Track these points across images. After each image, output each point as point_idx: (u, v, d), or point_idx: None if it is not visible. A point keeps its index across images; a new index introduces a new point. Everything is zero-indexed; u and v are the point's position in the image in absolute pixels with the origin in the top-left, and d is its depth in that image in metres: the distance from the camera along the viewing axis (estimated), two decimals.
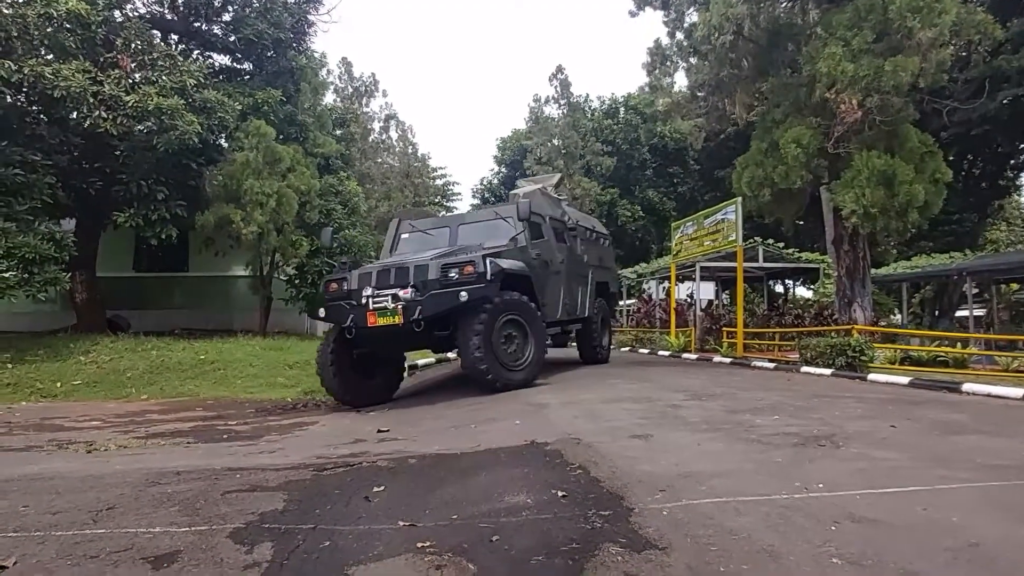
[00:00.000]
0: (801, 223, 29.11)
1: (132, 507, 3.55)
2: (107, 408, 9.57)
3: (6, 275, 11.12)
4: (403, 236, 10.84)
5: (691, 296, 22.23)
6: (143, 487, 4.02)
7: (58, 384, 11.02)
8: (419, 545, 2.96)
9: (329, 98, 25.85)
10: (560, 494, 3.72)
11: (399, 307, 8.05)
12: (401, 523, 3.29)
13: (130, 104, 11.92)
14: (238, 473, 4.51)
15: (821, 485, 3.76)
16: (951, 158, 16.72)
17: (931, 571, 2.52)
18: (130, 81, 12.33)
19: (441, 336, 8.45)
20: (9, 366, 11.48)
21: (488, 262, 8.08)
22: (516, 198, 11.77)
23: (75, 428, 7.77)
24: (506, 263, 8.59)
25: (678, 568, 2.61)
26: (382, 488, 4.03)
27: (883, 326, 16.86)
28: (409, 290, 8.07)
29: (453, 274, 8.00)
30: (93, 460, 5.50)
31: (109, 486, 4.04)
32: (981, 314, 21.05)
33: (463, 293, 7.82)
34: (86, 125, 12.33)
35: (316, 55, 19.17)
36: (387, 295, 8.13)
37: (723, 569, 2.59)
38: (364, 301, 8.25)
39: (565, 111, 34.16)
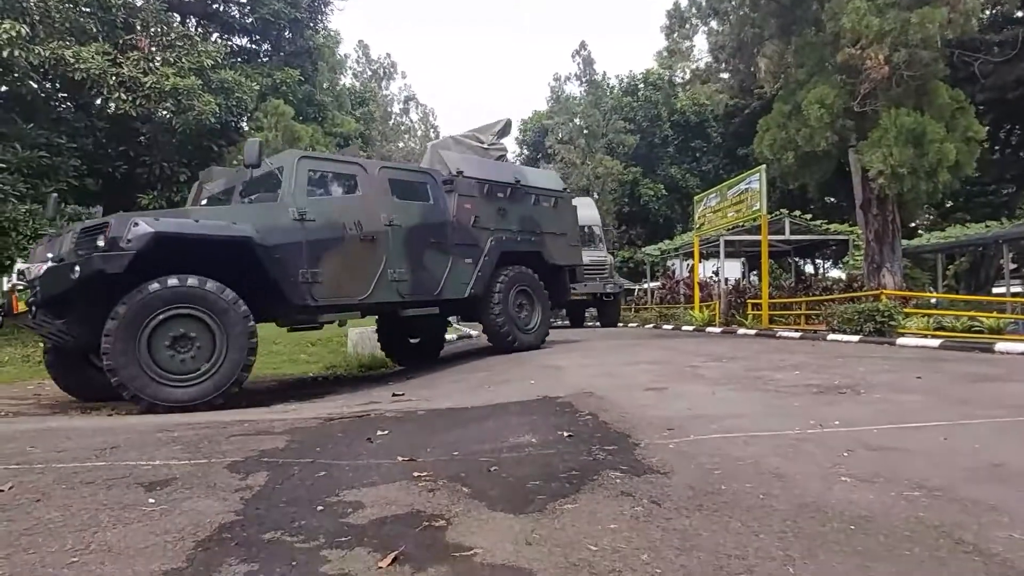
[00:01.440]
0: (832, 200, 28.48)
1: (136, 447, 3.56)
2: None
3: None
4: (202, 202, 8.55)
5: (716, 273, 21.87)
6: (150, 432, 4.04)
7: None
8: (415, 475, 2.91)
9: (347, 81, 25.95)
10: (566, 434, 3.64)
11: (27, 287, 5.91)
12: (400, 458, 3.24)
13: (148, 85, 12.03)
14: (247, 423, 4.51)
15: (837, 422, 3.62)
16: (987, 126, 16.04)
17: (947, 485, 2.39)
18: (149, 63, 12.45)
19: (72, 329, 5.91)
20: (40, 344, 11.75)
21: (131, 224, 5.59)
22: (432, 148, 9.85)
23: (101, 399, 7.91)
24: (184, 225, 6.09)
25: (678, 488, 2.52)
26: (386, 432, 3.99)
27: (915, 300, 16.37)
28: (45, 264, 5.84)
29: (100, 242, 5.56)
30: (112, 419, 5.57)
31: (118, 433, 4.07)
32: (1019, 290, 20.32)
33: (77, 268, 5.45)
34: (111, 110, 12.50)
35: (332, 32, 19.18)
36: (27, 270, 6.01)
37: (724, 487, 2.49)
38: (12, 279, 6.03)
39: (587, 89, 33.78)
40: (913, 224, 25.27)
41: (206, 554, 1.99)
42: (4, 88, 12.06)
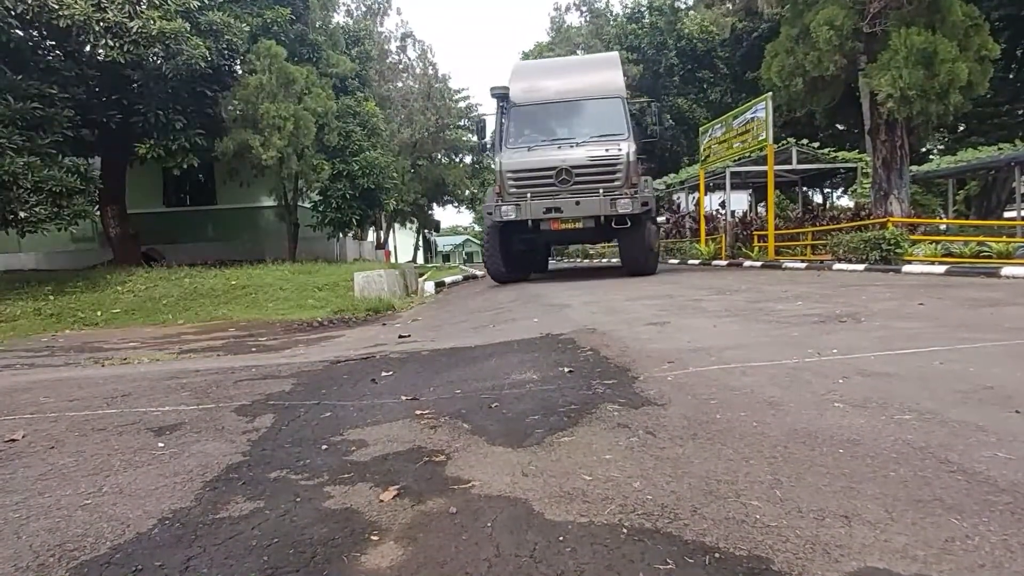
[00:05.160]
0: (841, 126, 27.77)
1: (146, 394, 3.64)
2: (145, 332, 9.87)
3: (36, 208, 11.34)
4: None
5: (722, 205, 21.64)
6: (161, 380, 4.12)
7: (98, 313, 11.38)
8: (418, 413, 2.97)
9: (340, 19, 25.23)
10: (567, 370, 3.69)
11: None
12: (404, 398, 3.31)
13: (135, 30, 11.70)
14: (254, 368, 4.59)
15: (835, 350, 3.65)
16: (1002, 44, 15.40)
17: (938, 408, 2.42)
18: (133, 7, 12.07)
19: None
20: (51, 298, 11.89)
21: None
22: None
23: (114, 349, 8.03)
24: None
25: (673, 418, 2.56)
26: (391, 373, 4.06)
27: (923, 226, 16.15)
28: None
29: None
30: (123, 368, 5.68)
31: (129, 381, 4.16)
32: None
33: None
34: (100, 57, 12.21)
35: None
36: None
37: (719, 416, 2.53)
38: None
39: (588, 19, 32.61)
40: (925, 149, 24.73)
41: (213, 493, 2.06)
42: None
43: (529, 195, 10.21)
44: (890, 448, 2.05)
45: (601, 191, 10.01)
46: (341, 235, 20.09)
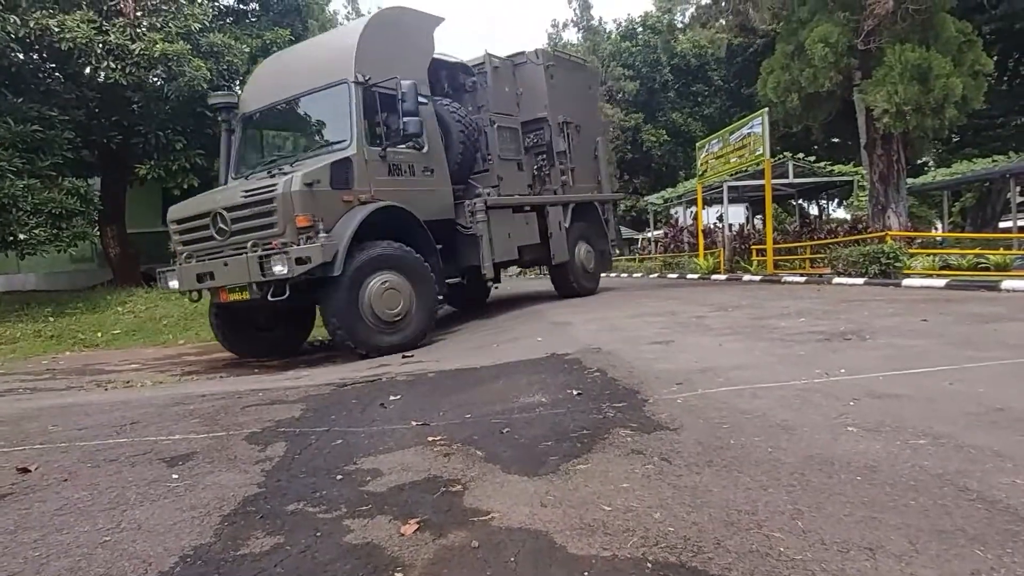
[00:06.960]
0: (836, 139, 28.01)
1: (155, 421, 3.63)
2: (146, 353, 9.83)
3: (36, 231, 11.35)
4: None
5: (720, 219, 21.71)
6: (168, 406, 4.11)
7: (99, 334, 11.34)
8: (429, 439, 2.97)
9: None
10: (575, 392, 3.69)
11: None
12: (414, 423, 3.31)
13: (137, 52, 11.79)
14: (260, 392, 4.58)
15: (843, 370, 3.66)
16: (995, 56, 15.58)
17: (951, 432, 2.43)
18: (136, 29, 12.17)
19: None
20: (51, 319, 11.86)
21: None
22: None
23: (116, 371, 8.00)
24: None
25: (687, 444, 2.57)
26: (399, 396, 4.06)
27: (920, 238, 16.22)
28: None
29: None
30: (128, 392, 5.66)
31: (136, 407, 4.15)
32: None
33: None
34: (101, 79, 12.28)
35: None
36: None
37: (733, 442, 2.54)
38: None
39: (584, 35, 32.92)
40: (921, 161, 24.90)
41: (232, 528, 2.06)
42: None
43: (184, 255, 7.03)
44: (908, 475, 2.06)
45: (250, 244, 6.30)
46: None
